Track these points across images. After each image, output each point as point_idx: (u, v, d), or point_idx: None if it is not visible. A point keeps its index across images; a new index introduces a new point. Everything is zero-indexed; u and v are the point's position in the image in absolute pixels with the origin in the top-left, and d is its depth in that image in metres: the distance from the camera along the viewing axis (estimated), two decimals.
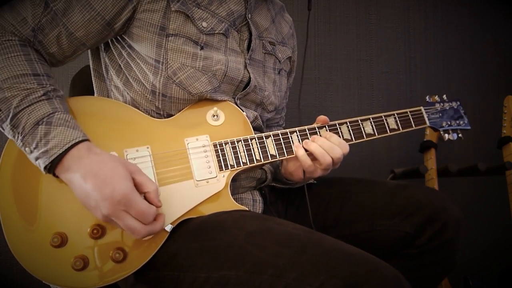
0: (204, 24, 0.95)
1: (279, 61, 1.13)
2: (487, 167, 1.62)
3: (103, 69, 1.02)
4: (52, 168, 0.79)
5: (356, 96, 1.90)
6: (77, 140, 0.79)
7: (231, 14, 1.00)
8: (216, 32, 0.97)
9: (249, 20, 1.04)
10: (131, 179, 0.78)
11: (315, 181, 1.14)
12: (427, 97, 1.22)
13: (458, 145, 1.97)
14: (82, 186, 0.77)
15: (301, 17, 1.83)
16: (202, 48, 0.94)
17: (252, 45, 1.04)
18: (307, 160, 0.97)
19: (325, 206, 1.08)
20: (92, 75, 1.05)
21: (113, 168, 0.78)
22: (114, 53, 0.98)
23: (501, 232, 1.91)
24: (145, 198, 0.80)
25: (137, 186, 0.79)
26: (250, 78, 1.02)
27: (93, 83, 1.05)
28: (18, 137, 0.80)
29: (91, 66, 1.05)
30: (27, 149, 0.80)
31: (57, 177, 0.82)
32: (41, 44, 0.87)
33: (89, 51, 1.03)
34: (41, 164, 0.79)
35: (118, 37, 0.95)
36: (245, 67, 1.02)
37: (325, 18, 1.86)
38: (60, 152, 0.78)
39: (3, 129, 0.83)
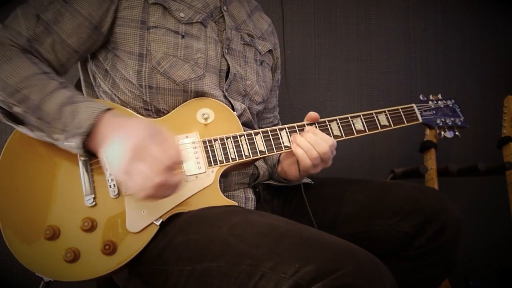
0: (182, 14, 1.00)
1: (260, 53, 1.16)
2: (487, 167, 1.62)
3: (91, 77, 1.06)
4: (86, 142, 0.82)
5: (356, 96, 1.90)
6: (104, 108, 0.83)
7: (206, 6, 1.05)
8: (194, 21, 1.01)
9: (224, 12, 1.08)
10: (153, 133, 0.81)
11: (312, 182, 1.14)
12: (421, 96, 1.23)
13: (458, 145, 1.97)
14: (109, 142, 0.80)
15: (301, 17, 1.83)
16: (183, 37, 0.99)
17: (227, 34, 1.07)
18: (306, 159, 0.97)
19: (323, 206, 1.08)
20: (82, 85, 1.09)
21: (137, 122, 0.83)
22: (100, 58, 1.01)
23: (501, 232, 1.91)
24: None
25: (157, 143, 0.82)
26: (228, 66, 1.05)
27: (84, 94, 1.08)
28: (45, 127, 0.83)
29: (81, 77, 1.09)
30: (55, 135, 0.83)
31: (89, 154, 0.85)
32: (38, 52, 0.91)
33: (78, 64, 1.08)
34: (76, 141, 0.82)
35: (104, 43, 0.99)
36: (223, 55, 1.05)
37: (325, 18, 1.86)
38: (92, 122, 0.81)
39: (27, 128, 0.85)
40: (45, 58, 0.92)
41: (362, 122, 1.07)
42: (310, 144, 0.97)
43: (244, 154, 0.97)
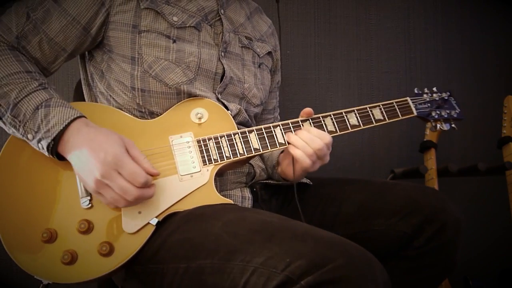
0: (175, 18, 1.00)
1: (258, 56, 1.16)
2: (487, 167, 1.62)
3: (89, 77, 1.07)
4: (54, 146, 0.84)
5: (356, 96, 1.90)
6: (75, 116, 0.85)
7: (201, 9, 1.05)
8: (187, 25, 1.01)
9: (222, 15, 1.08)
10: (125, 148, 0.84)
11: (310, 182, 1.14)
12: (415, 89, 1.22)
13: (458, 145, 1.98)
14: (78, 154, 0.83)
15: (301, 17, 1.83)
16: (174, 42, 0.99)
17: (225, 38, 1.07)
18: (305, 159, 0.97)
19: (322, 206, 1.08)
20: (82, 84, 1.10)
21: (108, 135, 0.84)
22: (97, 60, 1.03)
23: (501, 232, 1.91)
24: None
25: (130, 156, 0.84)
26: (224, 69, 1.05)
27: (84, 92, 1.10)
28: (19, 125, 0.86)
29: (81, 77, 1.10)
30: (29, 135, 0.85)
31: (60, 158, 0.86)
32: (25, 50, 0.93)
33: (79, 62, 1.09)
34: (44, 144, 0.84)
35: (100, 45, 1.01)
36: (219, 59, 1.05)
37: (325, 18, 1.86)
38: (61, 128, 0.83)
39: (4, 124, 0.88)
40: (32, 56, 0.94)
41: (357, 117, 1.07)
42: (304, 142, 0.97)
43: (239, 152, 0.97)
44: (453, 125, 1.21)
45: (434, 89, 1.24)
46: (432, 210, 0.97)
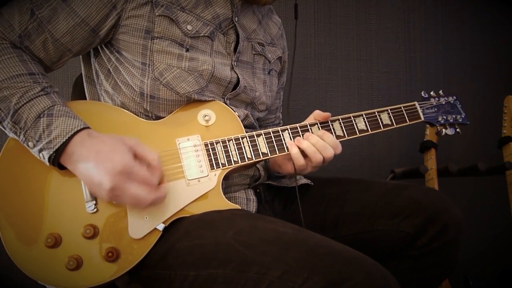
0: (189, 27, 0.97)
1: (269, 62, 1.14)
2: (487, 167, 1.62)
3: (94, 74, 1.04)
4: (56, 157, 0.82)
5: (356, 96, 1.90)
6: (79, 128, 0.82)
7: (216, 17, 1.01)
8: (201, 35, 0.98)
9: (236, 23, 1.05)
10: (132, 153, 0.82)
11: (312, 183, 1.14)
12: (422, 92, 1.20)
13: (458, 145, 1.98)
14: (85, 167, 0.80)
15: (304, 17, 1.83)
16: (187, 50, 0.96)
17: (239, 47, 1.05)
18: (300, 159, 0.97)
19: (325, 206, 1.08)
20: (84, 80, 1.06)
21: (113, 144, 0.82)
22: (104, 58, 0.99)
23: (501, 232, 1.91)
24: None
25: (138, 158, 0.83)
26: (238, 79, 1.03)
27: (85, 89, 1.07)
28: (20, 132, 0.83)
29: (83, 72, 1.07)
30: (30, 143, 0.83)
31: (61, 168, 0.84)
32: (28, 49, 0.89)
33: (80, 57, 1.05)
34: (45, 155, 0.82)
35: (107, 43, 0.97)
36: (232, 69, 1.03)
37: (325, 18, 1.86)
38: (64, 140, 0.81)
39: (4, 128, 0.85)
40: (36, 55, 0.90)
41: (365, 122, 1.05)
42: (316, 149, 0.96)
43: (247, 156, 0.95)
44: (457, 130, 1.20)
45: (441, 92, 1.22)
46: (435, 211, 0.98)
